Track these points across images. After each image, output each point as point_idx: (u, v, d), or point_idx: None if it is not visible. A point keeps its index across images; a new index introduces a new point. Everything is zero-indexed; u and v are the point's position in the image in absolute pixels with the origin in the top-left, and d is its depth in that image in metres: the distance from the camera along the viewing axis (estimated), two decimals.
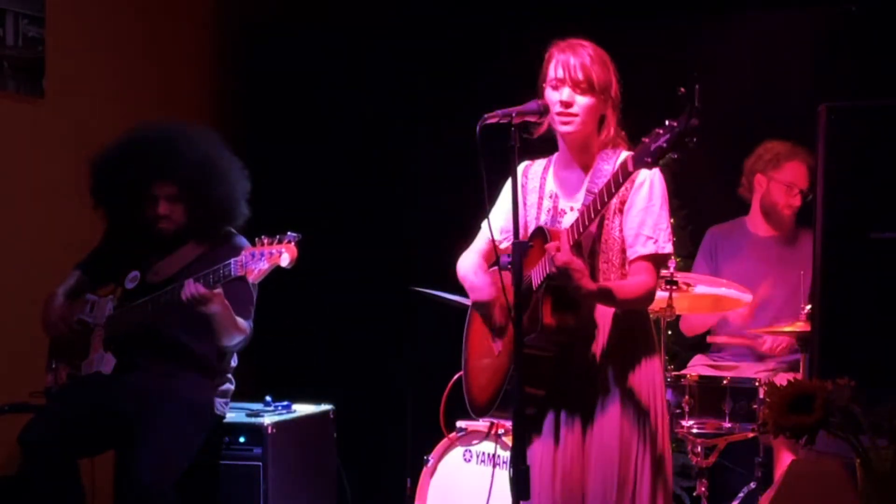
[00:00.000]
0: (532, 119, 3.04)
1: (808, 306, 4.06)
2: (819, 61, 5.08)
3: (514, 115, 2.96)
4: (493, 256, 3.31)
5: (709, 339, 4.81)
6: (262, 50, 6.07)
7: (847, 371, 2.17)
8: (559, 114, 3.07)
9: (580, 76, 3.05)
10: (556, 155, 3.24)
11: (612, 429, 3.05)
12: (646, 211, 3.06)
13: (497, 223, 3.22)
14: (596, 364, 3.08)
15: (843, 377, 2.15)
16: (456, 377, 4.01)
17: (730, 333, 4.76)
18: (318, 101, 5.89)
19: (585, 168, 3.15)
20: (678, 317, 4.64)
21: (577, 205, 3.11)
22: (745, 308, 4.62)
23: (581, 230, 2.94)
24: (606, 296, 3.00)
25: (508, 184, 3.23)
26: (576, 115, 3.07)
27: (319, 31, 5.94)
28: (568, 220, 3.10)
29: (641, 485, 3.05)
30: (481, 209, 3.27)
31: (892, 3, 4.84)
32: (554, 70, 3.08)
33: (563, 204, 3.16)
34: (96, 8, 5.32)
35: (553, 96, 3.08)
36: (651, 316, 4.24)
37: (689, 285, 4.30)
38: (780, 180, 4.67)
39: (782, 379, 2.24)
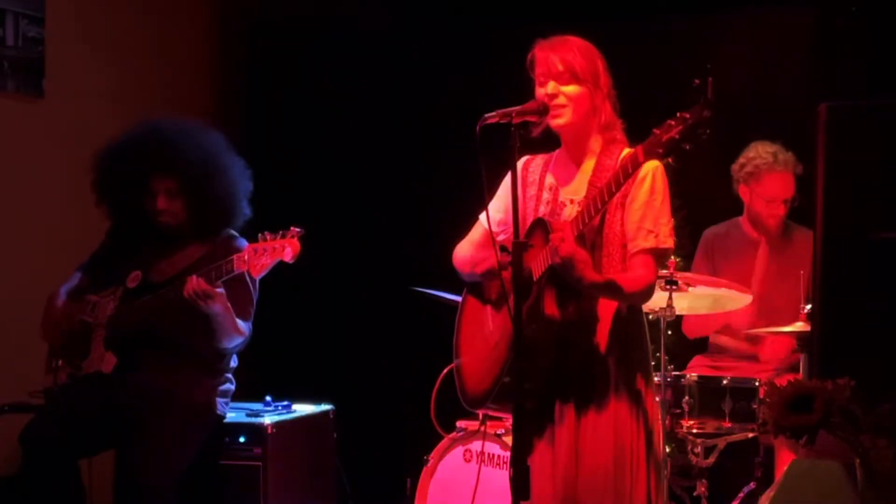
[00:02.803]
0: (532, 119, 3.06)
1: (808, 306, 4.05)
2: (819, 61, 5.07)
3: (514, 114, 2.97)
4: (487, 247, 3.34)
5: (711, 339, 4.80)
6: (262, 50, 6.07)
7: (847, 371, 2.17)
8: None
9: (561, 67, 3.08)
10: (557, 151, 3.26)
11: (607, 425, 3.05)
12: (647, 205, 3.06)
13: (494, 216, 3.24)
14: (594, 358, 3.09)
15: (843, 377, 2.15)
16: (445, 371, 4.01)
17: (733, 334, 4.75)
18: (318, 100, 5.89)
19: (583, 160, 3.17)
20: (678, 317, 4.64)
21: (577, 197, 3.12)
22: (747, 308, 4.61)
23: (586, 222, 2.95)
24: (610, 288, 3.00)
25: (508, 178, 3.24)
26: (563, 105, 3.09)
27: (320, 30, 5.94)
28: (567, 212, 3.12)
29: (637, 483, 3.06)
30: (481, 208, 3.28)
31: (892, 3, 4.84)
32: (538, 68, 3.12)
33: (563, 196, 3.17)
34: (96, 8, 5.32)
35: (540, 93, 3.11)
36: (651, 316, 4.27)
37: (689, 285, 4.30)
38: (760, 194, 4.63)
39: (782, 379, 2.24)
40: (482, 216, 3.36)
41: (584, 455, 3.06)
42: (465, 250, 3.36)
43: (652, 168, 3.04)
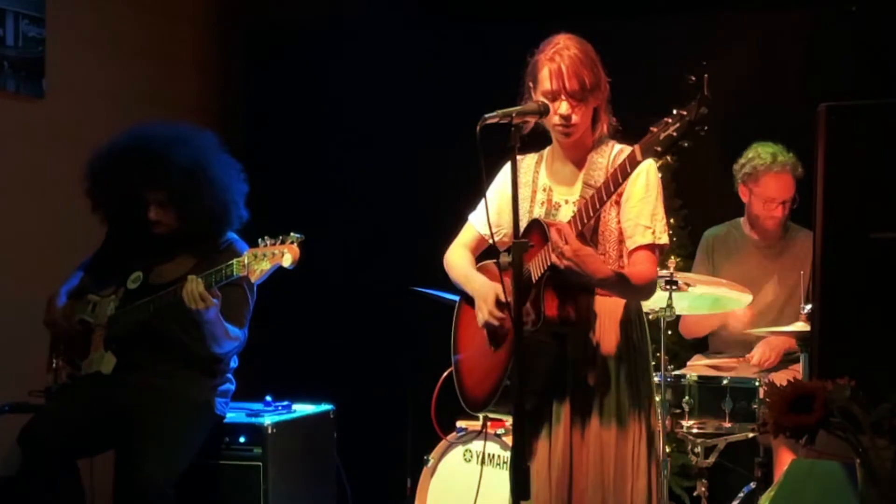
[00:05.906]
0: (532, 119, 3.06)
1: (808, 306, 4.05)
2: (819, 61, 5.08)
3: (514, 115, 2.96)
4: (478, 250, 3.34)
5: (700, 362, 4.78)
6: (262, 49, 6.07)
7: (847, 371, 2.17)
8: (558, 125, 3.09)
9: (575, 86, 3.05)
10: (548, 149, 3.25)
11: (608, 425, 3.06)
12: (643, 202, 3.08)
13: (484, 217, 3.20)
14: (594, 356, 3.09)
15: (843, 377, 2.15)
16: (445, 374, 4.01)
17: (721, 349, 4.75)
18: (319, 101, 5.89)
19: (580, 162, 3.17)
20: (678, 317, 4.63)
21: (573, 198, 3.12)
22: (744, 313, 4.61)
23: (585, 221, 2.95)
24: (621, 281, 3.00)
25: (498, 179, 3.24)
26: (577, 124, 3.09)
27: (320, 31, 5.94)
28: (564, 212, 3.11)
29: (638, 483, 3.06)
30: (473, 209, 3.27)
31: (892, 3, 4.85)
32: (548, 81, 3.07)
33: (558, 197, 3.17)
34: (96, 8, 5.32)
35: (547, 104, 3.07)
36: (651, 316, 4.27)
37: (689, 285, 4.30)
38: (757, 195, 4.62)
39: (782, 379, 2.24)
40: (472, 217, 3.36)
41: (583, 455, 3.06)
42: (457, 258, 3.34)
43: (645, 165, 3.03)
